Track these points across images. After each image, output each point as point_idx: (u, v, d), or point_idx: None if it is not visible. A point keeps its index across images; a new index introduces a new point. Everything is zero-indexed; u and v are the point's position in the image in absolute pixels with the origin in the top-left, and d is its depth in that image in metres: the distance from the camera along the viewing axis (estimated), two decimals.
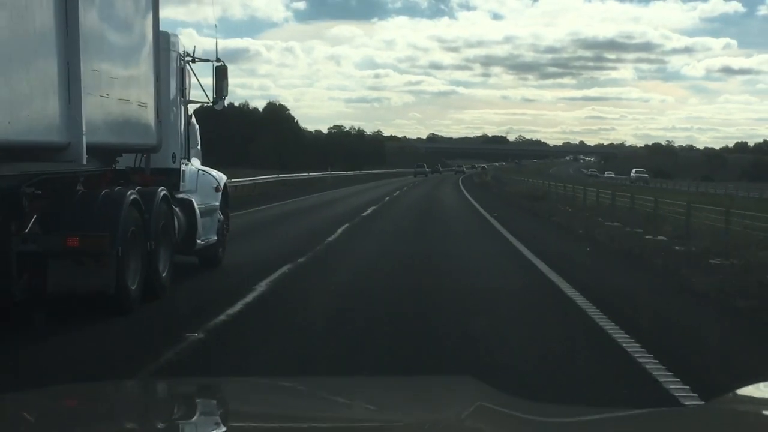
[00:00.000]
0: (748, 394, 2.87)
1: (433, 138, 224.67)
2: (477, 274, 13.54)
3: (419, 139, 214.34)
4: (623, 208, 27.54)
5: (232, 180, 34.41)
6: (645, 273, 14.14)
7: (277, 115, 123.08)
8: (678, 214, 22.34)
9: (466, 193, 51.79)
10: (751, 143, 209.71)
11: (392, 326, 9.30)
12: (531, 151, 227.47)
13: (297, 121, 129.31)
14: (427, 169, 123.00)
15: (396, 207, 34.49)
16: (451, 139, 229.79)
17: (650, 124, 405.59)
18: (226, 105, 14.09)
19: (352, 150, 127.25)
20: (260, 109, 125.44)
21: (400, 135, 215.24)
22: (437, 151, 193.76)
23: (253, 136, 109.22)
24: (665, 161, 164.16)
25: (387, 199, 41.20)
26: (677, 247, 17.24)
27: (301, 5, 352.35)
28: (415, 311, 10.19)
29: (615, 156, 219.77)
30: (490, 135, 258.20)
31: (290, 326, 9.34)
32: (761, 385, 3.02)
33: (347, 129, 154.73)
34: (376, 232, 21.55)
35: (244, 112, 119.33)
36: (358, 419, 2.87)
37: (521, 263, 15.20)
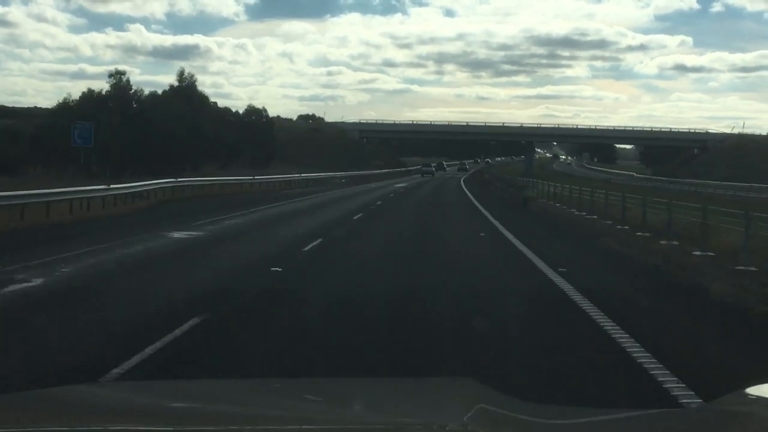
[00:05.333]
0: (750, 395, 2.85)
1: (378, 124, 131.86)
2: None
3: (354, 122, 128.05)
4: None
5: None
6: None
7: None
8: None
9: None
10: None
11: None
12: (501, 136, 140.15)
13: None
14: (433, 167, 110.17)
15: None
16: (397, 123, 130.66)
17: (603, 123, 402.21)
18: None
19: (169, 133, 57.72)
20: None
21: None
22: (376, 137, 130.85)
23: None
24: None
25: None
26: None
27: (251, 1, 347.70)
28: None
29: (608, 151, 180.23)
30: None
31: None
32: (763, 386, 2.94)
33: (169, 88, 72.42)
34: None
35: None
36: (359, 421, 2.87)
37: None
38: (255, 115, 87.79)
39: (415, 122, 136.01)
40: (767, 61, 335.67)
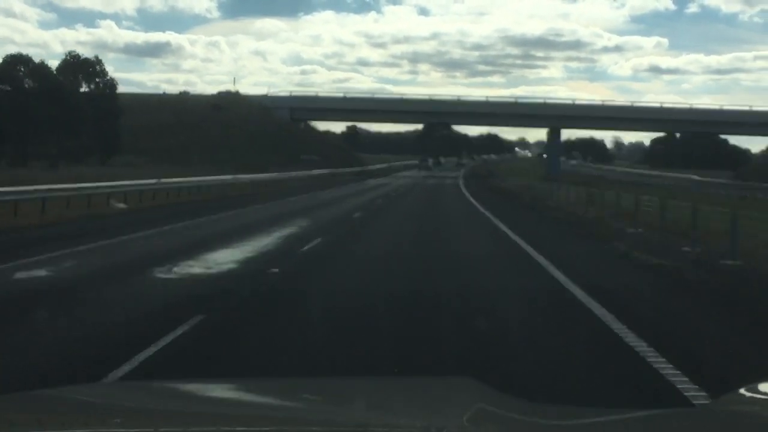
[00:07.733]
0: (752, 394, 2.85)
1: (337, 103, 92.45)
2: None
3: (284, 96, 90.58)
4: None
5: None
6: None
7: None
8: None
9: None
10: None
11: None
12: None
13: None
14: (430, 162, 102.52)
15: None
16: (347, 98, 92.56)
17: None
18: None
19: None
20: None
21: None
22: (316, 118, 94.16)
23: None
24: None
25: None
26: None
27: None
28: None
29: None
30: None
31: None
32: (763, 385, 2.94)
33: None
34: None
35: None
36: (358, 421, 2.87)
37: None
38: (83, 74, 46.22)
39: (374, 95, 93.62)
40: (742, 64, 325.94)
